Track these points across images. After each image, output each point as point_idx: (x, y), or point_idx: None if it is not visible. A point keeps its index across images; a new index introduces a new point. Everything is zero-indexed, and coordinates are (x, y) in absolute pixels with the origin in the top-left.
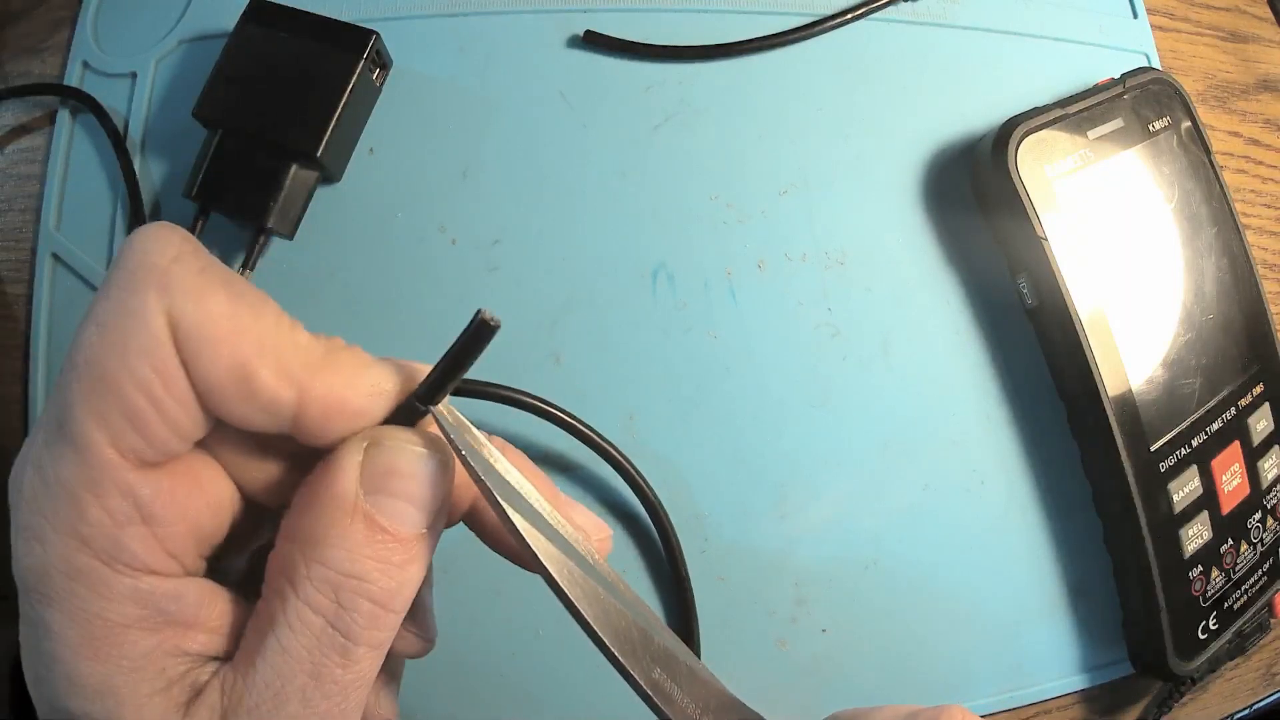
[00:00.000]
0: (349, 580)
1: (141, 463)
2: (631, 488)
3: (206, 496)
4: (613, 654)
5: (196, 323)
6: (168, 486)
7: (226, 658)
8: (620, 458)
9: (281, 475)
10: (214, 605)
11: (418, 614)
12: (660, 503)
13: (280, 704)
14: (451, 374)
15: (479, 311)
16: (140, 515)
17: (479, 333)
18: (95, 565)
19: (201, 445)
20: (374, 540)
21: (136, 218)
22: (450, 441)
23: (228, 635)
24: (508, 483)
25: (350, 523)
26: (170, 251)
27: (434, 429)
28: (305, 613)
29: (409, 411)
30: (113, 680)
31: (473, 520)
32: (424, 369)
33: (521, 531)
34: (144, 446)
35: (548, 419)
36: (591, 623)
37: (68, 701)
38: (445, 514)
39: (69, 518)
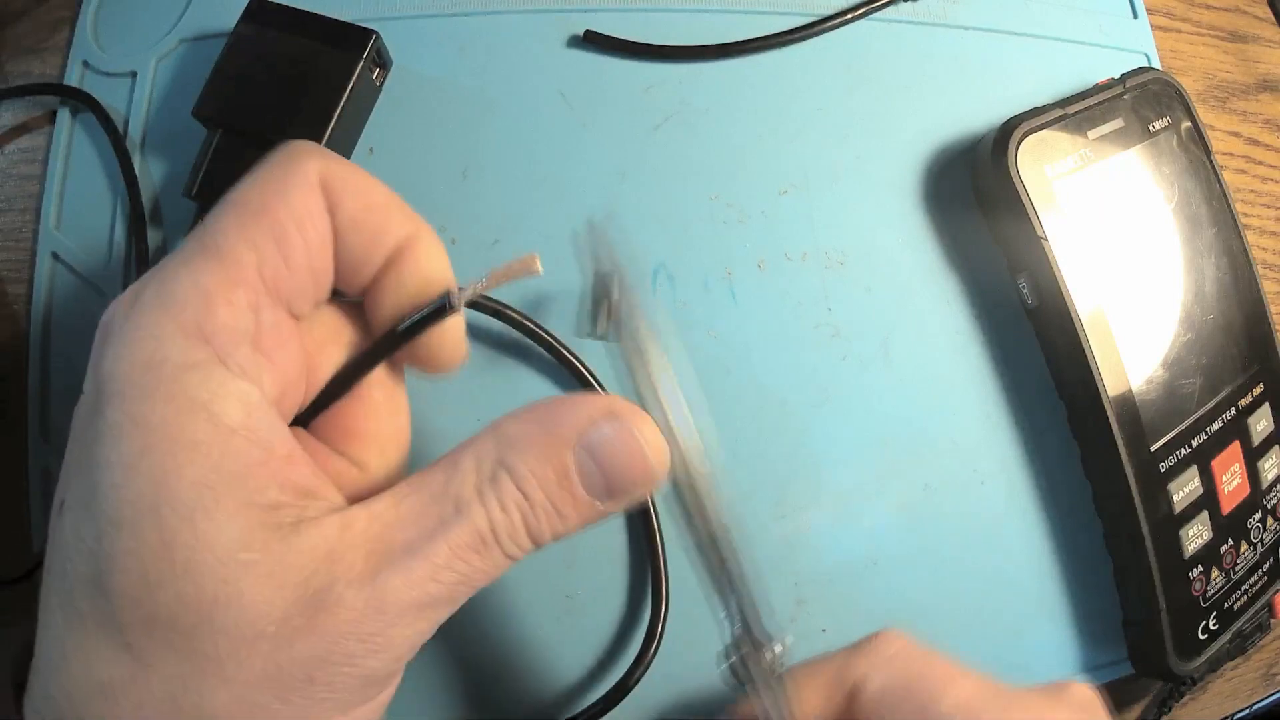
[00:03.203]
0: (519, 496)
1: (273, 294)
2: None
3: (296, 361)
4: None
5: (343, 175)
6: (284, 326)
7: (336, 507)
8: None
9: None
10: (307, 446)
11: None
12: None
13: (405, 560)
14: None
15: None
16: (257, 336)
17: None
18: (213, 359)
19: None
20: (559, 485)
21: (137, 218)
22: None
23: (324, 483)
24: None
25: (552, 458)
26: (314, 145)
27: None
28: (475, 500)
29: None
30: (209, 479)
31: None
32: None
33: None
34: (285, 274)
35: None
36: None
37: (148, 498)
38: (629, 502)
39: (196, 314)
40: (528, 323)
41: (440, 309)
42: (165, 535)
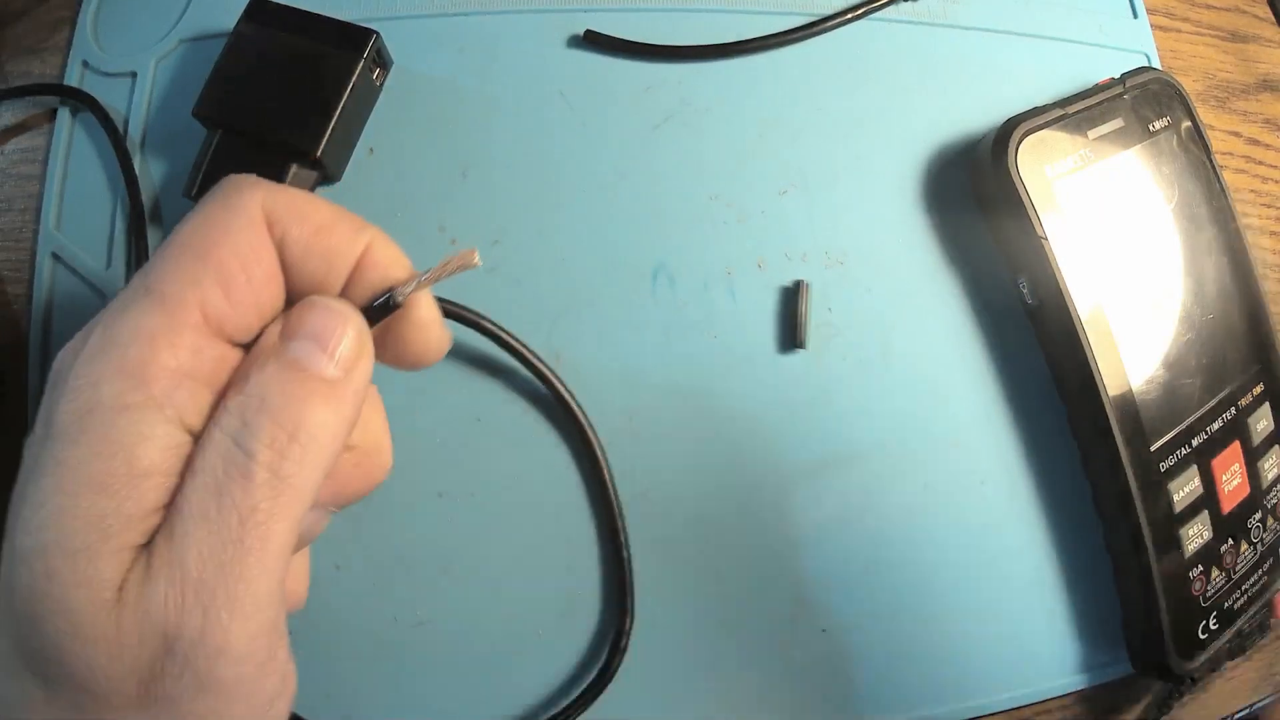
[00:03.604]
0: (253, 401)
1: (217, 333)
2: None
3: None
4: None
5: (286, 204)
6: (230, 359)
7: None
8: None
9: None
10: None
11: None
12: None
13: (188, 534)
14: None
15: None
16: (201, 373)
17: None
18: (148, 402)
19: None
20: (283, 373)
21: (137, 217)
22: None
23: None
24: None
25: (265, 360)
26: (254, 178)
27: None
28: (214, 432)
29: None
30: (106, 520)
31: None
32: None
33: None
34: (229, 312)
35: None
36: None
37: (48, 533)
38: (361, 368)
39: (138, 358)
40: (499, 331)
41: (384, 305)
42: (49, 571)
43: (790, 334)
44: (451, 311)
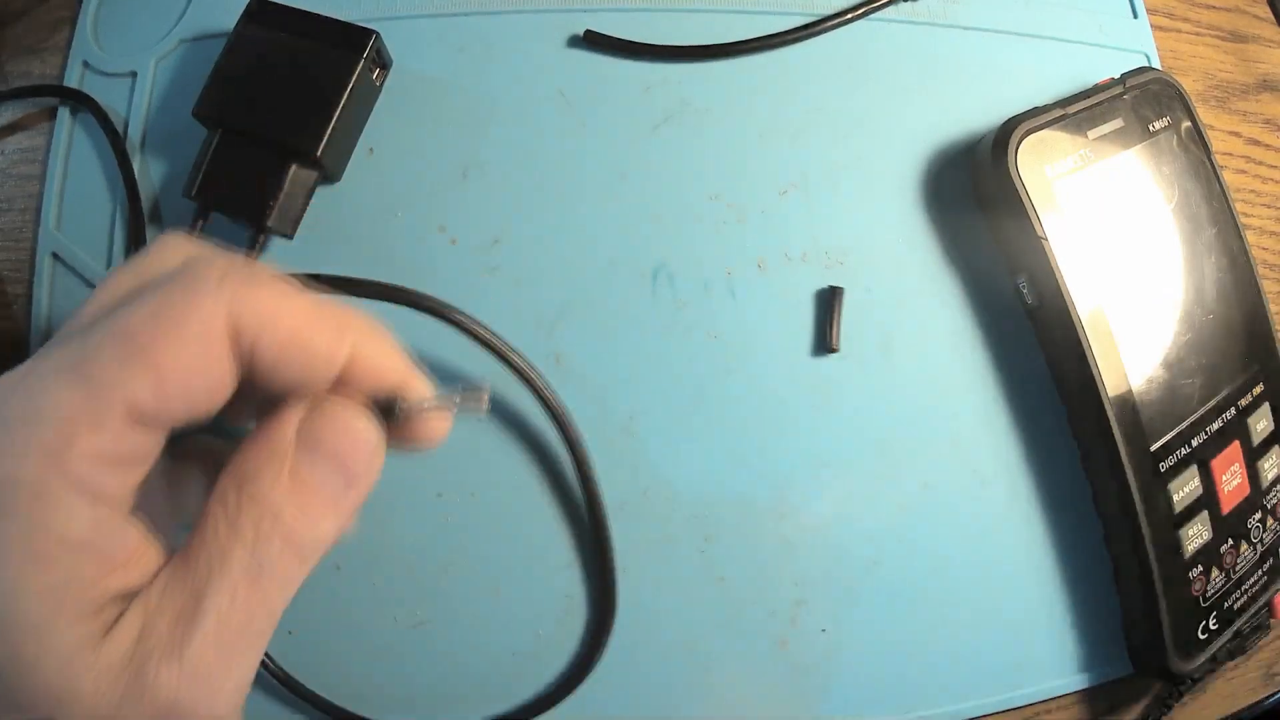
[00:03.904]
0: (268, 515)
1: (143, 424)
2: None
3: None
4: None
5: (256, 310)
6: (152, 441)
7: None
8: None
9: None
10: (146, 547)
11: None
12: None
13: (195, 623)
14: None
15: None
16: (120, 459)
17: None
18: (65, 488)
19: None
20: (295, 488)
21: (136, 218)
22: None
23: (149, 574)
24: None
25: (281, 467)
26: (218, 262)
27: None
28: (231, 537)
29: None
30: (56, 591)
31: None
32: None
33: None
34: (158, 413)
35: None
36: None
37: (4, 609)
38: (369, 486)
39: (58, 438)
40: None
41: (386, 409)
42: (14, 641)
43: (822, 338)
44: (448, 317)
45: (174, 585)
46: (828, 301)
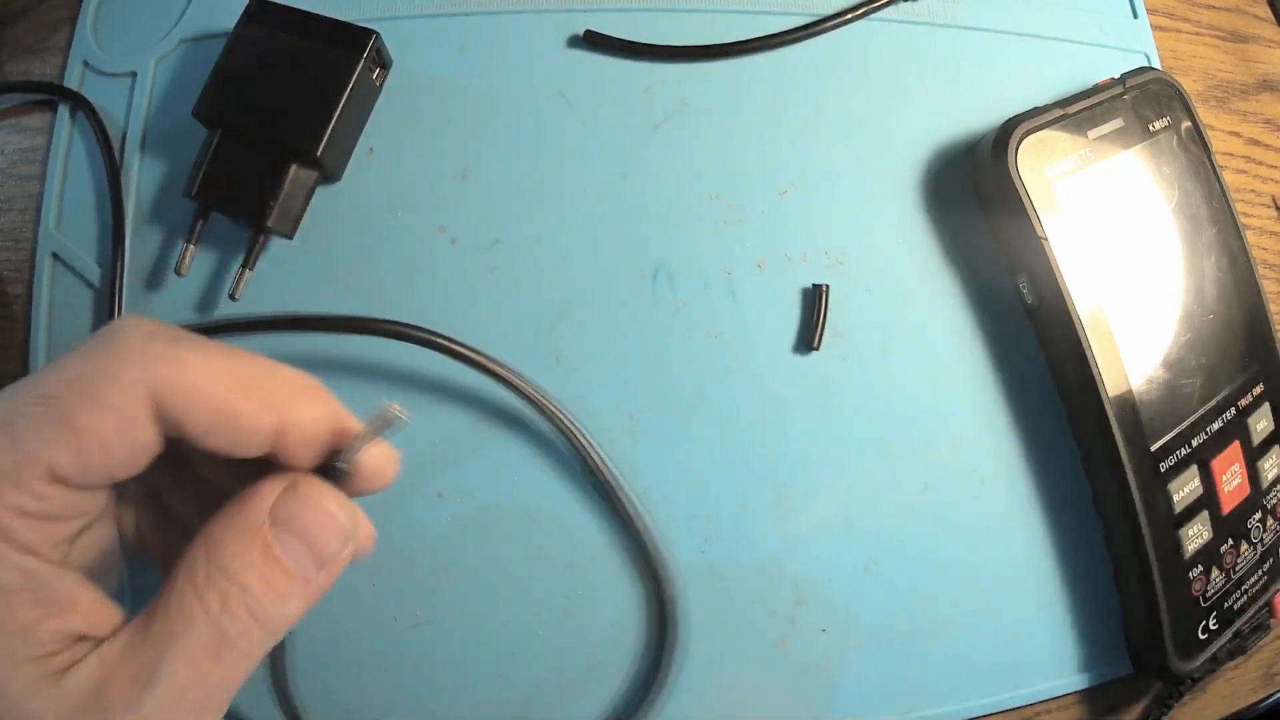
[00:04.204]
0: (236, 588)
1: (67, 484)
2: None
3: (91, 513)
4: None
5: (177, 387)
6: (82, 499)
7: (98, 642)
8: (547, 404)
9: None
10: (85, 593)
11: None
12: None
13: (153, 683)
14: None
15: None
16: (44, 514)
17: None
18: None
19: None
20: (266, 565)
21: (118, 223)
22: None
23: (99, 622)
24: None
25: (253, 543)
26: (145, 328)
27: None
28: (197, 606)
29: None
30: None
31: None
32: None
33: None
34: (79, 477)
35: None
36: None
37: None
38: (340, 569)
39: None
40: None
41: (330, 471)
42: None
43: (806, 336)
44: (447, 349)
45: (134, 647)
46: (812, 300)
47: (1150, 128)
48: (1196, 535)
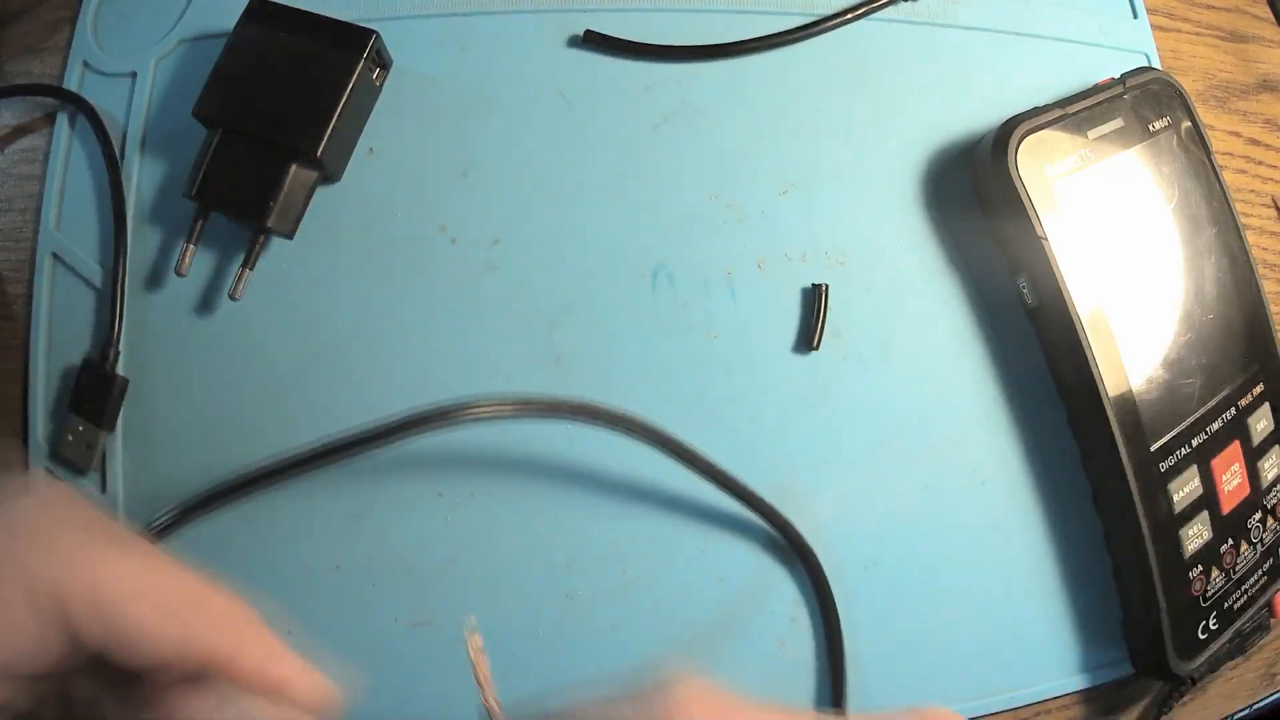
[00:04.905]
0: None
1: None
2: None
3: None
4: None
5: (92, 596)
6: None
7: None
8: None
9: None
10: None
11: None
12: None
13: None
14: None
15: None
16: None
17: None
18: None
19: None
20: None
21: (118, 223)
22: None
23: None
24: None
25: None
26: (56, 509)
27: None
28: None
29: None
30: None
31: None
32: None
33: None
34: None
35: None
36: None
37: None
38: None
39: None
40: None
41: None
42: None
43: (806, 336)
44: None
45: None
46: (812, 300)
47: (1150, 128)
48: (1196, 535)
